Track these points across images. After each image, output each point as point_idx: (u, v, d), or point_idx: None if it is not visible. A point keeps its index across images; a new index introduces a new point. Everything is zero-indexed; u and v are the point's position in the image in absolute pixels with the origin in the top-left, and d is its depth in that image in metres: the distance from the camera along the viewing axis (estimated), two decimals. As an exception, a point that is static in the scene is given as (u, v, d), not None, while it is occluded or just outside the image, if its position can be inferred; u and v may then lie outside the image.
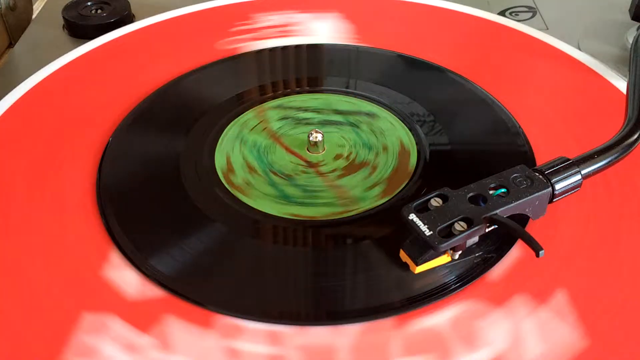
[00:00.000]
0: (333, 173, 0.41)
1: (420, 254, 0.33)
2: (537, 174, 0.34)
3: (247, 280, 0.34)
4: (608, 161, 0.35)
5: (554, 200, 0.34)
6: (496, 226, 0.33)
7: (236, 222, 0.37)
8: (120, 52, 0.52)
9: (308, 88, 0.47)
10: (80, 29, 0.56)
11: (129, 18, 0.58)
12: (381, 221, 0.37)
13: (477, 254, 0.34)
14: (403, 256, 0.33)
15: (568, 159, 0.35)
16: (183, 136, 0.43)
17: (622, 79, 0.46)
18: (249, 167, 0.41)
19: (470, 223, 0.32)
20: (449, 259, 0.34)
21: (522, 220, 0.34)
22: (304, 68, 0.50)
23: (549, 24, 0.57)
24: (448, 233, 0.32)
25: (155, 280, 0.34)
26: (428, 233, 0.31)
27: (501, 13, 0.58)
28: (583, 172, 0.34)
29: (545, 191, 0.33)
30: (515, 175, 0.34)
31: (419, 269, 0.33)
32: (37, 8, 0.64)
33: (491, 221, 0.32)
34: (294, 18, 0.55)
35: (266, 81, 0.49)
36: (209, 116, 0.45)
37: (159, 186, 0.40)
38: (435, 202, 0.33)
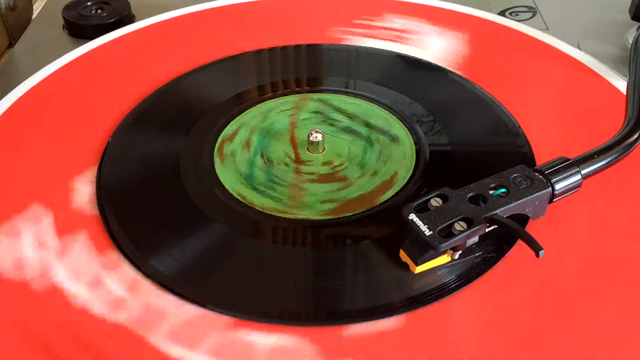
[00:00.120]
0: (308, 175, 0.40)
1: (420, 254, 0.33)
2: (537, 174, 0.34)
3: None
4: (608, 161, 0.35)
5: (554, 200, 0.34)
6: (496, 226, 0.33)
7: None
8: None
9: (356, 92, 0.47)
10: (80, 29, 0.56)
11: (129, 18, 0.58)
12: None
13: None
14: (403, 256, 0.33)
15: (568, 159, 0.35)
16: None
17: (622, 79, 0.46)
18: (247, 142, 0.42)
19: (470, 223, 0.32)
20: (449, 259, 0.34)
21: (522, 220, 0.34)
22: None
23: (549, 24, 0.57)
24: (448, 233, 0.32)
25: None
26: (428, 233, 0.31)
27: (501, 13, 0.58)
28: (583, 172, 0.34)
29: (545, 191, 0.33)
30: (515, 175, 0.34)
31: (419, 269, 0.33)
32: (37, 8, 0.64)
33: (491, 221, 0.32)
34: (417, 27, 0.53)
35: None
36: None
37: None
38: (435, 202, 0.33)
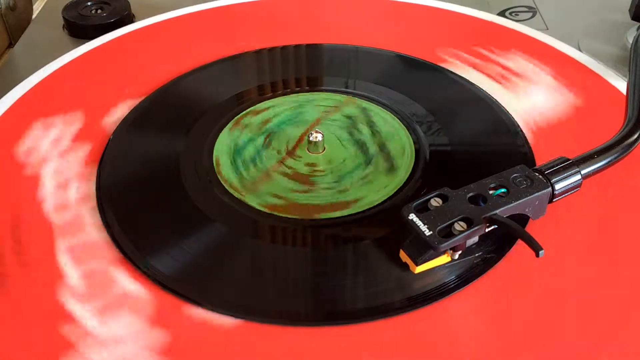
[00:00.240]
0: (286, 169, 0.41)
1: (420, 254, 0.33)
2: (537, 174, 0.34)
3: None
4: (608, 161, 0.35)
5: (554, 200, 0.34)
6: (496, 226, 0.33)
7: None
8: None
9: (397, 109, 0.45)
10: (80, 29, 0.56)
11: (129, 18, 0.58)
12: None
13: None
14: (403, 256, 0.33)
15: (568, 159, 0.35)
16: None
17: (622, 79, 0.46)
18: (267, 120, 0.44)
19: (470, 223, 0.32)
20: (449, 259, 0.34)
21: (522, 220, 0.34)
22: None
23: (549, 24, 0.57)
24: (448, 233, 0.32)
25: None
26: (428, 233, 0.31)
27: (501, 13, 0.58)
28: (583, 172, 0.34)
29: (545, 191, 0.33)
30: (515, 175, 0.34)
31: (419, 269, 0.33)
32: (37, 8, 0.64)
33: (491, 221, 0.32)
34: (524, 68, 0.49)
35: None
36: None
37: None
38: (435, 202, 0.33)
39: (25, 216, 0.38)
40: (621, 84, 0.46)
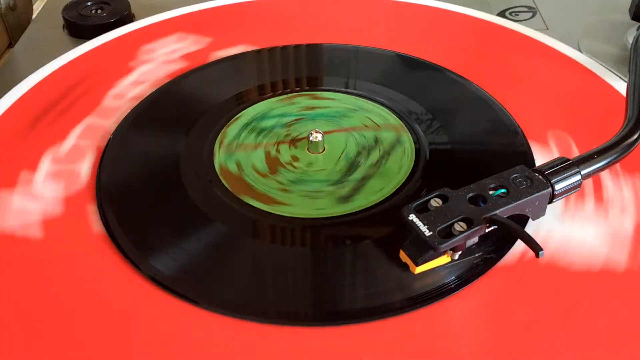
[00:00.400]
0: (273, 150, 0.42)
1: (420, 254, 0.33)
2: (537, 174, 0.34)
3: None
4: (608, 161, 0.35)
5: (554, 200, 0.34)
6: (496, 226, 0.33)
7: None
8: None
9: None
10: (80, 29, 0.56)
11: (129, 18, 0.58)
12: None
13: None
14: (403, 256, 0.33)
15: (568, 159, 0.35)
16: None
17: (622, 80, 0.46)
18: (314, 107, 0.45)
19: (470, 223, 0.32)
20: (449, 260, 0.34)
21: (522, 220, 0.34)
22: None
23: (549, 24, 0.57)
24: (448, 233, 0.32)
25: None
26: (428, 233, 0.31)
27: (501, 13, 0.58)
28: (583, 172, 0.34)
29: (545, 191, 0.33)
30: (515, 175, 0.34)
31: (419, 269, 0.33)
32: (37, 8, 0.64)
33: (491, 221, 0.32)
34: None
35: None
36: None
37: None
38: (435, 203, 0.33)
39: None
40: (621, 85, 0.46)
